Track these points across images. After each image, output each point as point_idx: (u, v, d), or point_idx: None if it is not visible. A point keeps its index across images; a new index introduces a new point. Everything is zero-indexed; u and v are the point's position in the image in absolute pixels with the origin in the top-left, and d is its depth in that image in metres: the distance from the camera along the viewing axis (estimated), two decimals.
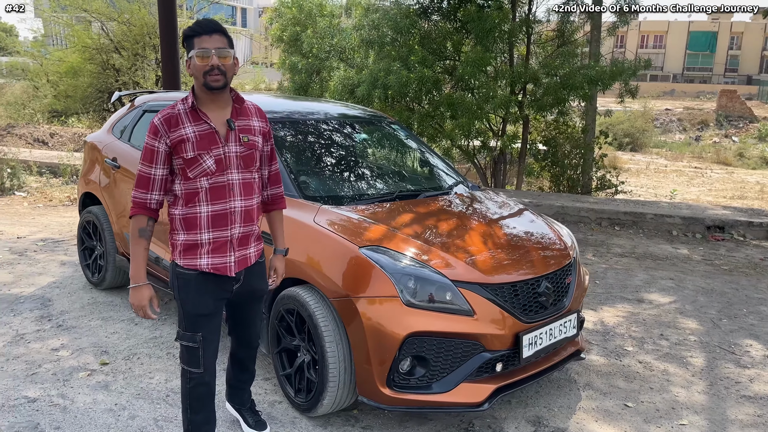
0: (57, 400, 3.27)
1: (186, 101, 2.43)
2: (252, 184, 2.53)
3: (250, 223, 2.53)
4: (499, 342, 2.97)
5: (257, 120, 2.55)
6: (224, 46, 2.36)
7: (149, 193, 2.45)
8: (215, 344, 2.57)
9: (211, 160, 2.40)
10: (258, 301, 2.76)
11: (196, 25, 2.38)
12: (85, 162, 5.16)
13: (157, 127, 2.40)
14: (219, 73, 2.34)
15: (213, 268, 2.46)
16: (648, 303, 5.17)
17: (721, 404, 3.51)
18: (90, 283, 5.00)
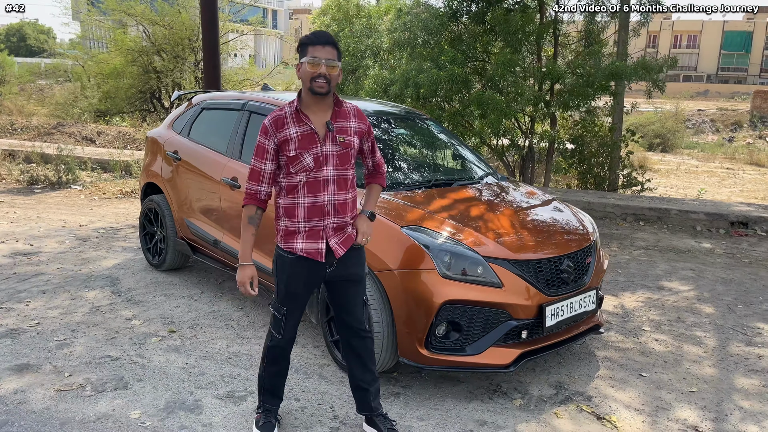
0: (136, 359, 3.76)
1: (292, 104, 2.77)
2: (346, 180, 2.79)
3: (343, 214, 2.79)
4: (525, 312, 3.36)
5: (354, 121, 2.83)
6: (333, 58, 2.67)
7: (259, 185, 2.80)
8: (296, 319, 2.92)
9: (310, 158, 2.72)
10: (354, 285, 2.89)
11: (313, 35, 2.70)
12: (147, 155, 5.68)
13: (267, 127, 2.75)
14: (324, 80, 2.65)
15: (306, 253, 2.77)
16: (667, 290, 5.48)
17: (728, 376, 3.83)
18: (151, 265, 5.51)
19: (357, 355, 2.99)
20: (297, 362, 3.79)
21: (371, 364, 3.00)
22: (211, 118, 5.11)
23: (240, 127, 4.66)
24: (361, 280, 2.92)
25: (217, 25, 8.81)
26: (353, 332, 2.96)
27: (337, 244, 2.81)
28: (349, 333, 2.98)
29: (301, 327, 4.30)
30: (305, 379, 3.58)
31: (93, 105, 18.12)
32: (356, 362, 3.00)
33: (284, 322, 2.90)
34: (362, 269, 2.93)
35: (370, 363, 3.00)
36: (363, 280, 2.94)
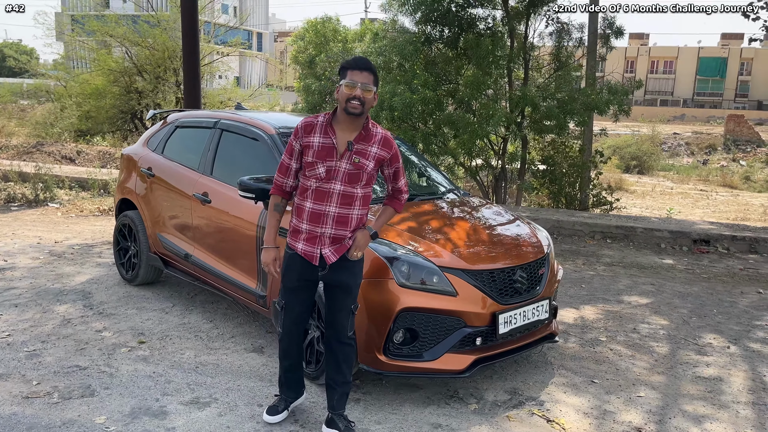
0: (104, 368, 3.85)
1: (327, 116, 3.01)
2: (353, 197, 2.98)
3: (342, 227, 2.98)
4: (478, 319, 3.53)
5: (377, 147, 3.00)
6: (369, 83, 2.89)
7: (285, 178, 3.09)
8: (295, 315, 3.14)
9: (323, 168, 2.95)
10: (344, 293, 3.06)
11: (353, 60, 2.94)
12: (122, 172, 5.81)
13: (298, 129, 3.01)
14: (359, 102, 2.88)
15: (303, 253, 3.01)
16: (626, 303, 5.69)
17: (676, 382, 4.02)
18: (124, 280, 5.61)
19: (334, 356, 3.17)
20: (263, 370, 3.92)
21: (345, 367, 3.16)
22: (185, 135, 5.27)
23: (212, 145, 4.82)
24: (349, 290, 3.09)
25: (197, 46, 8.99)
26: (335, 335, 3.15)
27: (331, 251, 3.01)
28: (330, 334, 3.18)
29: (267, 338, 4.43)
30: (270, 386, 3.70)
31: (73, 124, 18.18)
32: (332, 362, 3.18)
33: (283, 315, 3.14)
34: (353, 279, 3.09)
35: (344, 366, 3.16)
36: (352, 290, 3.10)
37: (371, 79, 2.93)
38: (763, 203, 21.37)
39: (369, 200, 3.10)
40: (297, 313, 3.16)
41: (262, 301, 4.15)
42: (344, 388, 3.19)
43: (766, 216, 17.86)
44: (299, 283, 3.10)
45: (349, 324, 3.14)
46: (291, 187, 3.12)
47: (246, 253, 4.26)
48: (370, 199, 3.10)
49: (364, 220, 3.10)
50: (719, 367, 4.28)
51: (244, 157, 4.62)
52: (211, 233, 4.61)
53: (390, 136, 3.11)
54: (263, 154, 4.38)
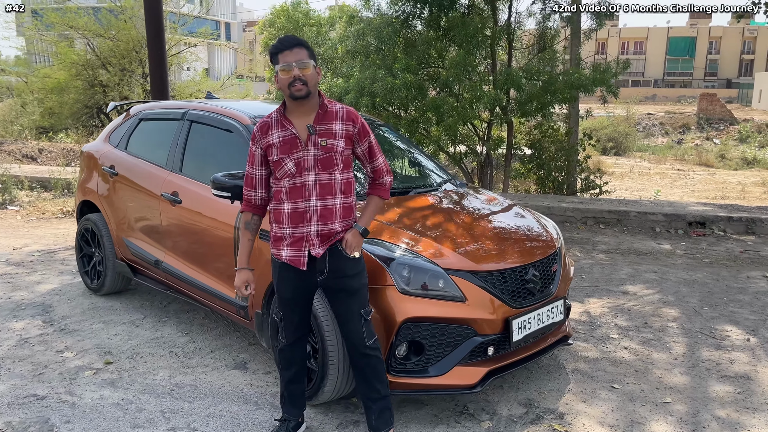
0: (65, 396, 3.38)
1: (280, 110, 2.72)
2: (331, 185, 2.68)
3: (327, 221, 2.68)
4: (490, 326, 3.13)
5: (342, 123, 2.70)
6: (304, 58, 2.59)
7: (253, 190, 2.81)
8: (294, 324, 2.85)
9: (291, 163, 2.66)
10: (348, 296, 2.76)
11: (278, 42, 2.64)
12: (82, 171, 5.28)
13: (255, 133, 2.74)
14: (301, 83, 2.58)
15: (289, 260, 2.71)
16: (632, 294, 5.35)
17: (702, 384, 3.68)
18: (89, 289, 5.10)
19: (360, 371, 2.84)
20: (247, 391, 3.48)
21: (376, 381, 2.82)
22: (150, 129, 4.77)
23: (180, 138, 4.34)
24: (355, 292, 2.77)
25: (163, 36, 8.42)
26: (353, 346, 2.82)
27: (321, 249, 2.71)
28: (349, 347, 2.84)
29: (250, 351, 3.99)
30: (256, 410, 3.28)
31: (35, 121, 17.35)
32: (359, 377, 2.87)
33: (283, 326, 2.89)
34: (356, 280, 2.77)
35: (374, 380, 2.82)
36: (358, 293, 2.78)
37: (305, 54, 2.63)
38: (740, 181, 21.42)
39: (352, 187, 2.79)
40: (297, 323, 2.87)
41: (243, 312, 3.70)
42: (382, 403, 2.84)
43: (744, 194, 17.86)
44: (294, 294, 2.80)
45: (366, 331, 2.77)
46: (262, 200, 2.85)
47: (222, 259, 3.81)
48: (352, 185, 2.79)
49: (352, 213, 2.79)
50: (744, 364, 3.96)
51: (217, 151, 4.15)
52: (182, 237, 4.14)
53: (352, 109, 2.78)
54: (238, 147, 3.91)
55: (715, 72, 71.32)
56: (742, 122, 37.51)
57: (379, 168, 2.86)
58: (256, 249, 3.49)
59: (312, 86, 2.63)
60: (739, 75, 69.05)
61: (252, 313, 3.64)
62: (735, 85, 63.32)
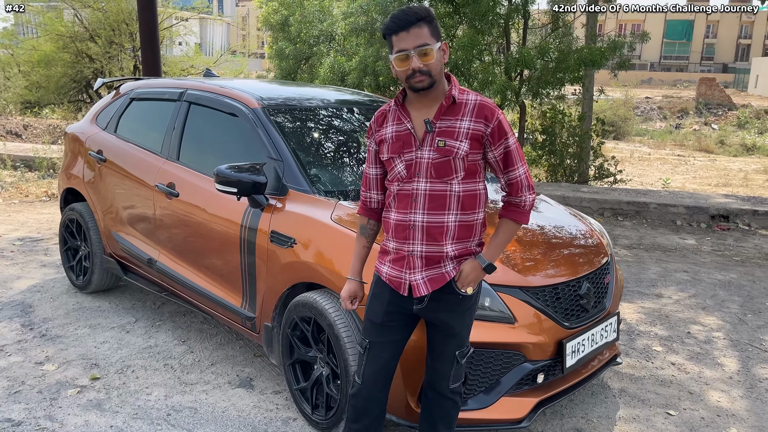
0: (44, 422, 2.92)
1: (398, 99, 2.21)
2: (445, 197, 2.12)
3: (434, 242, 2.14)
4: (541, 351, 2.69)
5: (469, 120, 2.11)
6: (425, 42, 2.03)
7: (368, 192, 2.35)
8: (380, 362, 2.29)
9: (402, 165, 2.16)
10: (446, 336, 2.26)
11: (392, 21, 2.07)
12: (66, 155, 4.77)
13: (370, 125, 2.29)
14: (422, 74, 2.05)
15: (388, 280, 2.23)
16: (667, 298, 4.94)
17: (765, 409, 3.27)
18: (74, 287, 4.62)
19: (429, 410, 2.38)
20: (254, 415, 3.04)
21: (442, 426, 2.37)
22: (143, 110, 4.26)
23: (177, 122, 3.83)
24: (452, 332, 2.24)
25: (155, 7, 7.84)
26: (433, 384, 2.35)
27: (422, 280, 2.15)
28: (428, 382, 2.38)
29: (256, 364, 3.54)
30: None
31: (20, 95, 16.65)
32: (425, 415, 2.40)
33: (365, 359, 2.30)
34: (458, 320, 2.23)
35: (440, 424, 2.37)
36: (456, 333, 2.25)
37: (427, 33, 2.04)
38: (741, 168, 21.08)
39: (477, 203, 2.18)
40: (384, 361, 2.29)
41: (250, 324, 3.24)
42: None
43: (747, 182, 17.53)
44: (386, 318, 2.25)
45: (454, 374, 2.28)
46: (378, 203, 2.34)
47: (226, 263, 3.34)
48: (478, 199, 2.18)
49: (472, 234, 2.19)
50: None
51: (220, 137, 3.66)
52: (180, 234, 3.66)
53: (489, 102, 2.15)
54: (244, 133, 3.43)
55: (712, 56, 70.82)
56: (741, 108, 37.16)
57: (517, 181, 2.18)
58: (268, 253, 3.05)
59: (437, 74, 2.08)
60: (736, 60, 68.64)
61: (260, 326, 3.18)
62: (731, 69, 62.86)
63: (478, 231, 2.21)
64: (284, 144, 3.25)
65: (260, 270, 3.12)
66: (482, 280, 2.30)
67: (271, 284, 3.07)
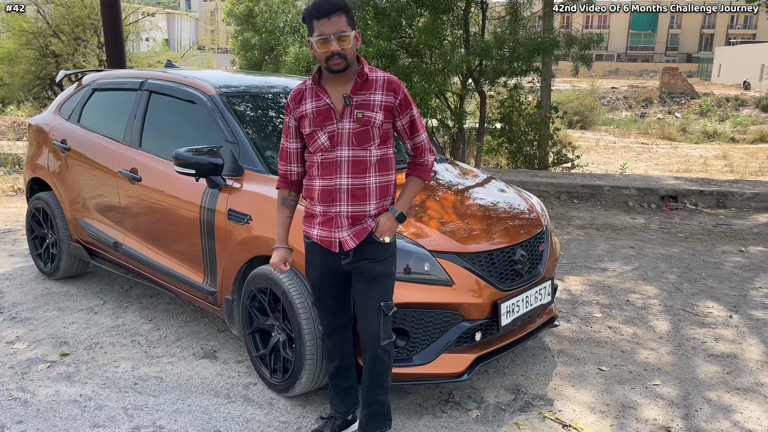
0: (16, 393, 3.09)
1: (315, 78, 2.45)
2: (365, 162, 2.41)
3: (359, 202, 2.43)
4: (478, 311, 2.95)
5: (381, 93, 2.42)
6: (343, 30, 2.29)
7: (287, 165, 2.58)
8: (330, 311, 2.61)
9: (325, 136, 2.41)
10: (369, 284, 2.49)
11: (313, 7, 2.30)
12: (31, 146, 4.89)
13: (288, 103, 2.51)
14: (339, 57, 2.31)
15: (320, 241, 2.49)
16: (611, 271, 5.26)
17: (689, 364, 3.58)
18: (43, 274, 4.76)
19: (365, 374, 2.59)
20: (217, 382, 3.25)
21: (376, 386, 2.57)
22: (105, 100, 4.41)
23: (139, 110, 4.00)
24: (376, 279, 2.48)
25: (118, 2, 7.92)
26: (365, 342, 2.54)
27: (350, 236, 2.44)
28: (364, 347, 2.56)
29: (219, 338, 3.75)
30: (228, 404, 3.04)
31: None
32: (364, 378, 2.60)
33: (318, 312, 2.68)
34: (380, 266, 2.49)
35: (375, 384, 2.57)
36: (380, 281, 2.49)
37: (345, 21, 2.31)
38: (701, 154, 21.76)
39: (389, 165, 2.50)
40: (332, 309, 2.61)
41: (212, 298, 3.45)
42: (375, 408, 2.60)
43: (706, 167, 18.13)
44: (322, 277, 2.56)
45: (383, 330, 2.50)
46: (298, 175, 2.59)
47: (187, 241, 3.53)
48: (390, 163, 2.50)
49: (388, 194, 2.51)
50: (729, 342, 3.88)
51: (179, 124, 3.84)
52: (143, 217, 3.84)
53: (395, 78, 2.48)
54: (202, 119, 3.62)
55: (676, 46, 72.21)
56: (703, 96, 38.08)
57: (421, 145, 2.56)
58: (226, 230, 3.26)
59: (351, 58, 2.35)
60: (700, 49, 70.08)
61: (222, 299, 3.39)
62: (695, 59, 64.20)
63: (392, 191, 2.51)
64: (239, 128, 3.45)
65: (219, 246, 3.32)
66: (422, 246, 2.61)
67: (229, 259, 3.27)
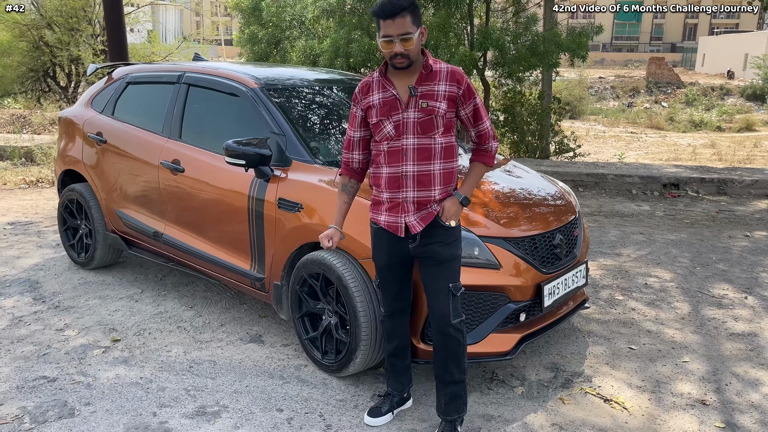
0: (78, 377, 3.21)
1: (381, 70, 2.59)
2: (430, 150, 2.54)
3: (424, 188, 2.56)
4: (523, 293, 3.11)
5: (445, 84, 2.53)
6: (406, 31, 2.41)
7: (351, 152, 2.73)
8: (393, 294, 2.76)
9: (390, 125, 2.55)
10: (438, 266, 2.61)
11: (379, 7, 2.42)
12: (62, 138, 4.96)
13: (356, 94, 2.65)
14: (402, 57, 2.44)
15: (387, 226, 2.62)
16: (626, 256, 5.45)
17: (713, 342, 3.78)
18: (76, 264, 4.85)
19: (437, 350, 2.70)
20: (269, 365, 3.38)
21: (452, 364, 2.68)
22: (140, 93, 4.49)
23: (178, 103, 4.10)
24: (444, 262, 2.61)
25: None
26: (435, 324, 2.67)
27: (416, 220, 2.58)
28: (433, 324, 2.69)
29: (263, 324, 3.88)
30: (283, 384, 3.18)
31: None
32: (436, 357, 2.72)
33: (380, 294, 2.81)
34: (447, 250, 2.61)
35: (450, 363, 2.68)
36: (448, 264, 2.62)
37: (409, 22, 2.42)
38: (690, 143, 22.10)
39: (453, 152, 2.62)
40: (395, 292, 2.76)
41: (259, 284, 3.57)
42: (454, 388, 2.70)
43: (695, 155, 18.45)
44: (389, 260, 2.70)
45: (452, 309, 2.62)
46: (360, 163, 2.75)
47: (234, 229, 3.65)
48: (454, 150, 2.62)
49: (452, 180, 2.63)
50: (747, 321, 4.08)
51: (221, 116, 3.95)
52: (186, 207, 3.95)
53: (458, 69, 2.60)
54: (245, 112, 3.73)
55: (661, 36, 72.80)
56: (689, 86, 38.54)
57: (485, 132, 2.66)
58: (276, 218, 3.38)
59: (415, 56, 2.48)
60: (684, 39, 70.75)
61: (270, 285, 3.52)
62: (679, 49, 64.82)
63: (455, 177, 2.65)
64: (284, 120, 3.57)
65: (268, 234, 3.44)
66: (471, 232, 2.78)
67: (279, 246, 3.40)
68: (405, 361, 2.90)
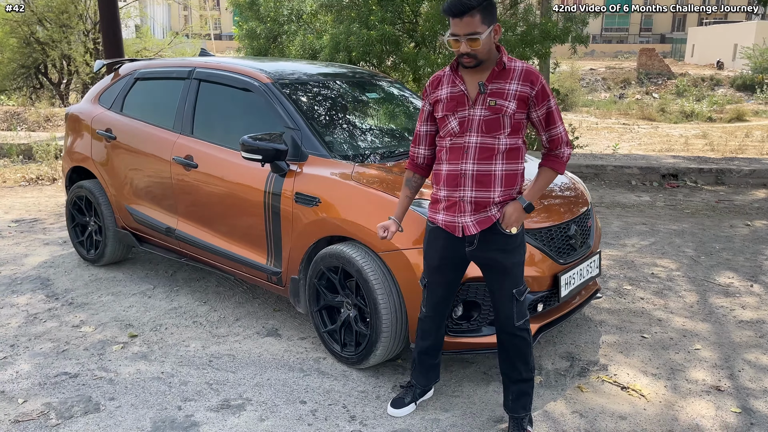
0: (100, 373, 3.22)
1: (453, 65, 2.55)
2: (493, 149, 2.45)
3: (483, 188, 2.48)
4: (540, 283, 3.14)
5: (517, 83, 2.43)
6: (475, 30, 2.33)
7: (417, 147, 2.72)
8: (439, 296, 2.73)
9: (455, 121, 2.49)
10: (498, 274, 2.57)
11: (448, 6, 2.35)
12: (69, 135, 4.95)
13: (426, 88, 2.63)
14: (470, 57, 2.40)
15: (445, 225, 2.57)
16: (631, 246, 5.51)
17: (723, 330, 3.84)
18: (85, 260, 4.85)
19: (504, 349, 2.72)
20: (288, 358, 3.41)
21: (519, 362, 2.69)
22: (149, 89, 4.49)
23: (189, 99, 4.10)
24: (506, 271, 2.56)
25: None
26: (500, 325, 2.68)
27: (472, 222, 2.51)
28: (499, 326, 2.69)
29: (278, 317, 3.91)
30: (304, 377, 3.21)
31: None
32: (502, 355, 2.74)
33: (426, 293, 2.76)
34: (509, 258, 2.55)
35: (517, 361, 2.68)
36: (510, 271, 2.57)
37: (478, 22, 2.33)
38: (682, 134, 22.18)
39: (519, 154, 2.51)
40: (441, 295, 2.73)
41: (276, 278, 3.60)
42: (521, 386, 2.71)
43: (687, 146, 18.57)
44: (441, 261, 2.65)
45: (516, 312, 2.61)
46: (425, 159, 2.72)
47: (249, 224, 3.66)
48: (519, 152, 2.51)
49: (515, 183, 2.54)
50: (755, 309, 4.15)
51: (234, 112, 3.96)
52: (200, 203, 3.96)
53: (533, 69, 2.48)
54: (258, 107, 3.74)
55: (650, 27, 73.00)
56: (679, 77, 38.73)
57: (558, 137, 2.52)
58: (293, 213, 3.40)
59: (483, 55, 2.39)
60: (673, 30, 70.97)
61: (287, 279, 3.54)
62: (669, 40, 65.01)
63: (519, 181, 2.57)
64: (299, 114, 3.58)
65: (285, 228, 3.46)
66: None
67: (296, 241, 3.42)
68: (435, 360, 2.92)
